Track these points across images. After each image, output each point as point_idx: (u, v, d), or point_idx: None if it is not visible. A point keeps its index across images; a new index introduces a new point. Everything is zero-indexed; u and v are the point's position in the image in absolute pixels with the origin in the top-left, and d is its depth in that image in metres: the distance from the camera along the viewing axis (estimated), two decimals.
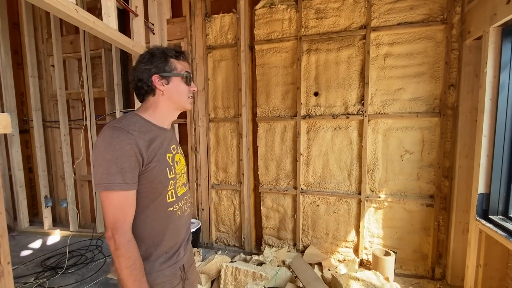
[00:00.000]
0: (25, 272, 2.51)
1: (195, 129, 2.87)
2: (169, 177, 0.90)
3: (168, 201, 0.92)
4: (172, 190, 0.93)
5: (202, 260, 2.56)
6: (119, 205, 0.79)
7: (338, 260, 2.56)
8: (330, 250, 2.60)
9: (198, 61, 2.78)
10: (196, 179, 2.92)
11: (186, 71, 0.96)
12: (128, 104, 3.17)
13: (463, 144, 2.07)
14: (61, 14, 1.42)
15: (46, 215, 3.42)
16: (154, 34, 2.52)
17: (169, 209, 0.93)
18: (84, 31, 3.08)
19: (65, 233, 3.32)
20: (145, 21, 2.35)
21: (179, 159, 1.01)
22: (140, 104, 0.96)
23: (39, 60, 3.40)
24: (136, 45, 2.11)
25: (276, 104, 2.65)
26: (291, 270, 2.28)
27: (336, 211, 2.55)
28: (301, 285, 2.06)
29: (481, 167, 1.79)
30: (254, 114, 2.75)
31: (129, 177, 0.79)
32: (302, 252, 2.63)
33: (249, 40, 2.64)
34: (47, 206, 3.42)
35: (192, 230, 2.74)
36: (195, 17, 2.76)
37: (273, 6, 2.54)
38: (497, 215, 1.76)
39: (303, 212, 2.66)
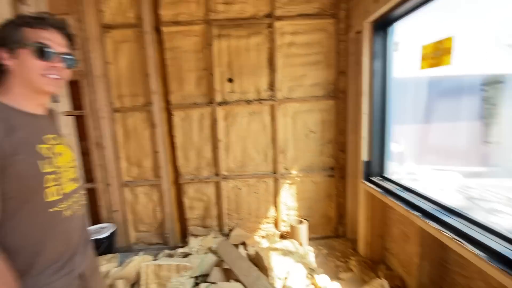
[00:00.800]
0: None
1: (97, 121, 2.49)
2: (43, 171, 0.76)
3: (48, 200, 0.78)
4: (54, 187, 0.79)
5: (120, 265, 2.32)
6: None
7: (262, 236, 2.75)
8: (254, 229, 2.76)
9: (93, 42, 2.39)
10: (104, 178, 2.58)
11: (39, 42, 0.76)
12: None
13: (352, 122, 2.49)
14: None
15: None
16: (28, 5, 2.01)
17: (51, 209, 0.79)
18: None
19: None
20: None
21: (62, 150, 0.87)
22: None
23: None
24: None
25: (191, 91, 2.55)
26: (217, 255, 2.31)
27: (257, 191, 2.70)
28: (227, 267, 2.13)
29: (363, 140, 2.19)
30: (168, 102, 2.58)
31: None
32: (228, 235, 2.70)
33: (155, 21, 2.42)
34: None
35: (106, 235, 2.44)
36: None
37: None
38: (375, 177, 2.21)
39: (226, 197, 2.71)
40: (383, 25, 2.02)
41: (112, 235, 2.51)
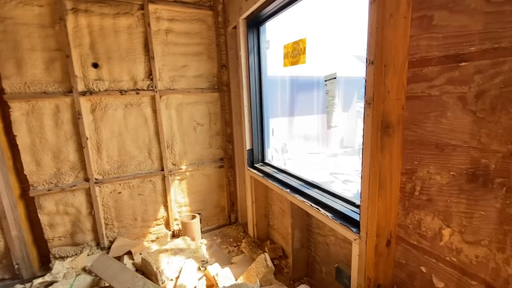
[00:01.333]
0: None
1: None
2: None
3: None
4: None
5: None
6: None
7: (152, 241, 2.52)
8: (142, 234, 2.50)
9: None
10: None
11: None
12: None
13: (235, 114, 2.61)
14: None
15: None
16: None
17: None
18: None
19: None
20: None
21: None
22: None
23: None
24: None
25: (37, 76, 1.98)
26: (92, 274, 1.95)
27: (142, 193, 2.44)
28: (107, 285, 1.83)
29: (246, 130, 2.34)
30: (1, 90, 1.91)
31: None
32: (110, 248, 2.32)
33: None
34: None
35: None
36: None
37: None
38: (258, 163, 2.42)
39: (102, 204, 2.31)
40: (255, 23, 2.18)
41: None
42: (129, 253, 2.27)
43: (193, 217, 2.54)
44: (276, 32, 2.43)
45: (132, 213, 2.43)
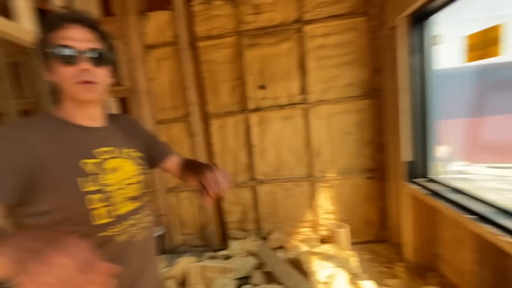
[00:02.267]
0: None
1: None
2: (83, 190, 0.65)
3: (96, 223, 0.67)
4: (103, 208, 0.68)
5: (168, 266, 2.50)
6: None
7: (300, 240, 2.74)
8: (292, 233, 2.77)
9: (138, 61, 2.64)
10: (151, 185, 2.81)
11: (58, 44, 0.64)
12: None
13: (390, 121, 2.38)
14: None
15: None
16: None
17: (101, 233, 0.68)
18: None
19: None
20: None
21: (120, 164, 0.75)
22: None
23: None
24: None
25: (225, 100, 2.68)
26: (257, 258, 2.37)
27: (293, 195, 2.71)
28: (268, 270, 2.17)
29: (404, 139, 2.09)
30: (205, 112, 2.74)
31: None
32: (266, 239, 2.74)
33: (190, 37, 2.60)
34: None
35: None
36: (128, 16, 2.60)
37: (210, 2, 2.53)
38: (420, 178, 2.08)
39: (263, 201, 2.77)
40: (419, 19, 1.92)
41: (160, 238, 2.72)
42: (282, 247, 2.58)
43: (341, 226, 2.53)
44: (447, 23, 2.02)
45: (285, 212, 2.75)
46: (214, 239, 2.85)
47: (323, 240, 2.70)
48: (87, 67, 0.66)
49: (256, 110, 2.62)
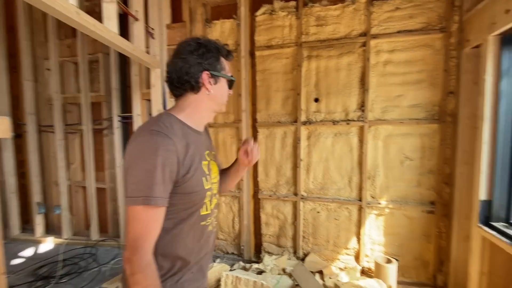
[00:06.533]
0: (16, 281, 2.41)
1: None
2: (206, 187, 0.82)
3: (202, 214, 0.84)
4: (208, 202, 0.85)
5: None
6: (145, 221, 0.69)
7: (339, 268, 2.52)
8: (331, 258, 2.57)
9: None
10: None
11: (232, 75, 0.91)
12: (125, 109, 3.13)
13: (463, 151, 2.08)
14: (61, 16, 1.39)
15: (38, 222, 3.32)
16: (154, 38, 2.50)
17: (202, 223, 0.85)
18: (82, 35, 3.05)
19: (58, 240, 3.22)
20: (145, 25, 2.33)
21: (213, 166, 0.91)
22: (175, 101, 0.87)
23: (35, 63, 3.35)
24: (136, 49, 2.09)
25: (276, 110, 2.64)
26: (292, 278, 2.23)
27: (337, 217, 2.52)
28: None
29: (482, 174, 1.79)
30: (254, 120, 2.73)
31: (162, 190, 0.70)
32: (303, 259, 2.58)
33: (249, 46, 2.64)
34: (40, 213, 3.32)
35: None
36: (195, 23, 2.75)
37: (273, 12, 2.55)
38: (499, 222, 1.76)
39: (303, 219, 2.63)
40: None
41: None
42: (319, 271, 2.40)
43: (389, 260, 2.27)
44: None
45: (326, 234, 2.57)
46: (247, 250, 2.78)
47: (365, 272, 2.45)
48: (231, 93, 0.94)
49: (307, 123, 2.53)
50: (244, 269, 2.48)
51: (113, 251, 2.97)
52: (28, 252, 3.02)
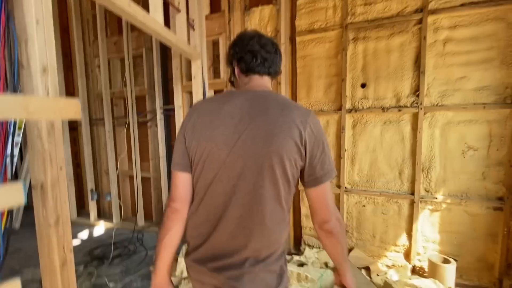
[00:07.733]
0: (75, 259, 2.65)
1: None
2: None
3: None
4: None
5: None
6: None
7: (386, 265, 2.37)
8: (377, 254, 2.42)
9: None
10: None
11: None
12: (167, 101, 3.24)
13: None
14: (115, 8, 1.44)
15: (92, 207, 3.62)
16: (194, 30, 2.52)
17: None
18: (128, 32, 3.20)
19: (109, 225, 3.48)
20: (186, 17, 2.35)
21: None
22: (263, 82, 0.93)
23: (86, 61, 3.60)
24: (180, 40, 2.11)
25: (318, 98, 2.52)
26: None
27: (385, 212, 2.36)
28: None
29: None
30: None
31: None
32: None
33: (290, 32, 2.54)
34: (93, 199, 3.61)
35: None
36: (234, 12, 2.72)
37: None
38: None
39: (347, 212, 2.50)
40: None
41: None
42: (365, 267, 2.28)
43: (445, 260, 2.06)
44: None
45: (372, 229, 2.42)
46: (288, 241, 2.74)
47: (416, 271, 2.26)
48: None
49: (352, 110, 2.37)
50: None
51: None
52: (83, 234, 3.30)
